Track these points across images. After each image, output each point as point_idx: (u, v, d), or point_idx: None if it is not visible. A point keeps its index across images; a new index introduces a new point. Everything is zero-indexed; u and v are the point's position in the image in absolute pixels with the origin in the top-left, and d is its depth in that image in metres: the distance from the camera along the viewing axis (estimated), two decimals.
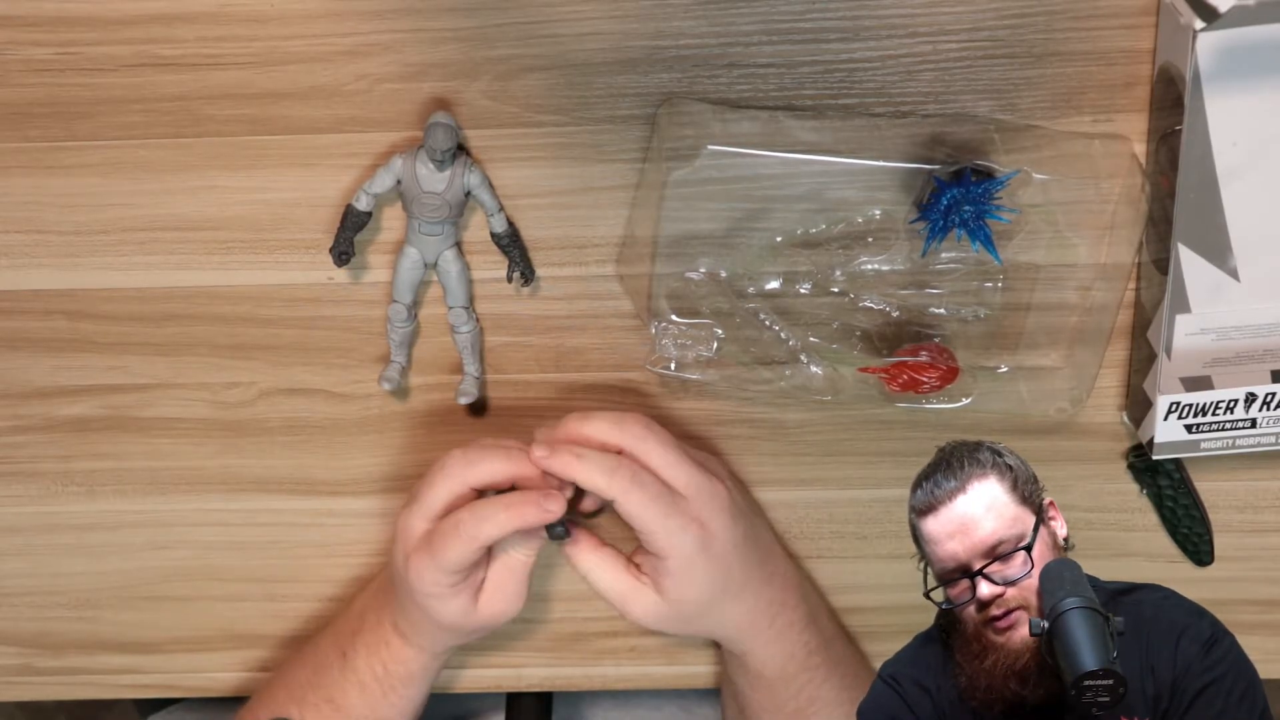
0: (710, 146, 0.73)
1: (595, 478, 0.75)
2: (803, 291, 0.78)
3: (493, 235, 0.79)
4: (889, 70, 0.74)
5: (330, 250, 0.78)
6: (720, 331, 0.78)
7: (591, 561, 0.79)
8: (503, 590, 0.80)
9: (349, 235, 0.78)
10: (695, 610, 0.79)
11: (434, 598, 0.78)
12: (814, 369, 0.79)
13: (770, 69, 0.75)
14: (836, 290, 0.78)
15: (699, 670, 0.92)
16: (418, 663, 0.83)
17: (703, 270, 0.78)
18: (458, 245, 0.80)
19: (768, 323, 0.78)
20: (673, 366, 0.79)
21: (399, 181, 0.76)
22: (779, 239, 0.77)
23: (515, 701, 0.96)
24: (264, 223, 0.80)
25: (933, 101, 0.75)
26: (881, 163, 0.74)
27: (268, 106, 0.77)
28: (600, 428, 0.77)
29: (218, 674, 0.93)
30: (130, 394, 0.85)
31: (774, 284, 0.78)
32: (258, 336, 0.83)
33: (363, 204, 0.77)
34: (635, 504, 0.75)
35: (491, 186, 0.78)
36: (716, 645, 0.90)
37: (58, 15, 0.75)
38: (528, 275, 0.80)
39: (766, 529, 0.85)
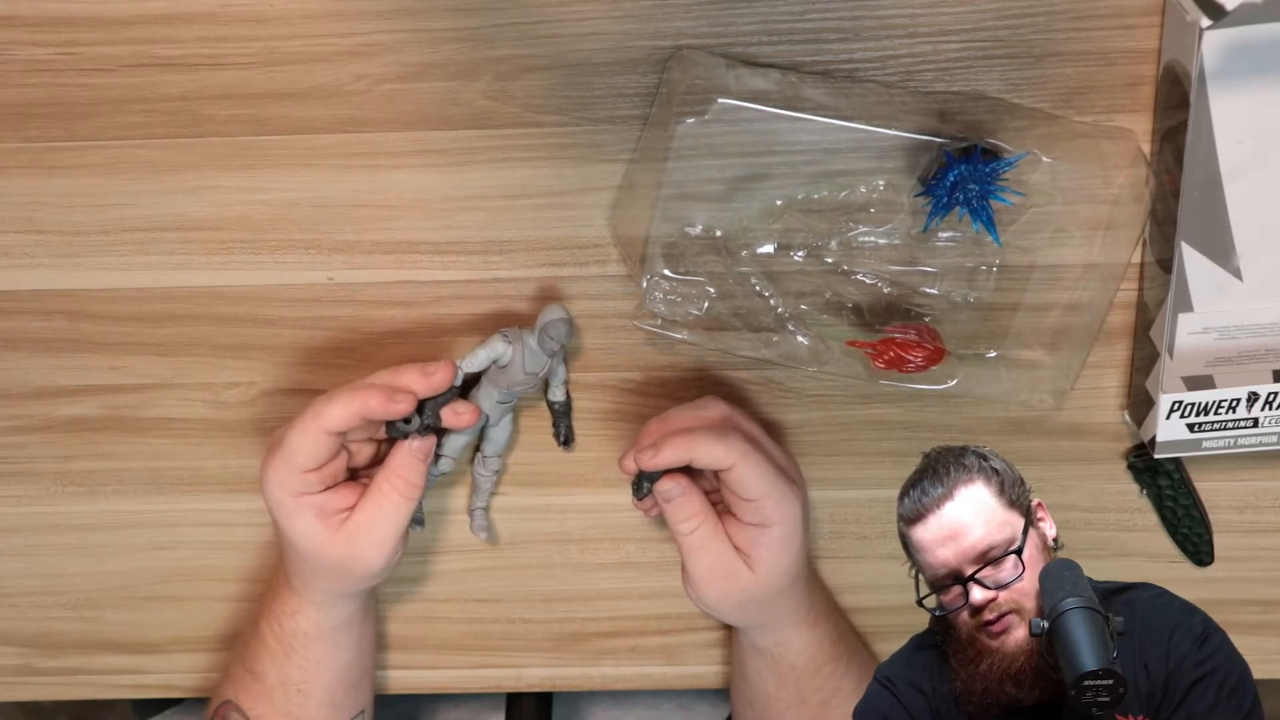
0: (721, 100, 0.72)
1: (714, 448, 0.75)
2: (796, 258, 0.76)
3: (549, 401, 0.81)
4: (889, 70, 0.74)
5: (421, 416, 0.77)
6: (712, 290, 0.77)
7: (710, 525, 0.77)
8: (371, 532, 0.78)
9: (437, 407, 0.78)
10: (778, 584, 0.78)
11: (284, 509, 0.77)
12: (800, 338, 0.77)
13: (770, 69, 0.74)
14: (830, 260, 0.77)
15: (699, 670, 0.92)
16: (307, 616, 0.82)
17: (700, 227, 0.76)
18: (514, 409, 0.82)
19: (758, 288, 0.77)
20: (660, 323, 0.78)
21: (494, 361, 0.77)
22: (779, 202, 0.75)
23: (515, 701, 0.96)
24: (264, 223, 0.80)
25: (933, 102, 0.75)
26: (893, 131, 0.73)
27: (268, 106, 0.77)
28: (701, 415, 0.77)
29: (218, 674, 0.93)
30: (130, 394, 0.85)
31: (768, 248, 0.76)
32: (258, 336, 0.83)
33: (456, 380, 0.77)
34: (753, 467, 0.75)
35: (566, 360, 0.80)
36: (723, 646, 0.90)
37: (58, 15, 0.75)
38: (569, 440, 0.83)
39: None
